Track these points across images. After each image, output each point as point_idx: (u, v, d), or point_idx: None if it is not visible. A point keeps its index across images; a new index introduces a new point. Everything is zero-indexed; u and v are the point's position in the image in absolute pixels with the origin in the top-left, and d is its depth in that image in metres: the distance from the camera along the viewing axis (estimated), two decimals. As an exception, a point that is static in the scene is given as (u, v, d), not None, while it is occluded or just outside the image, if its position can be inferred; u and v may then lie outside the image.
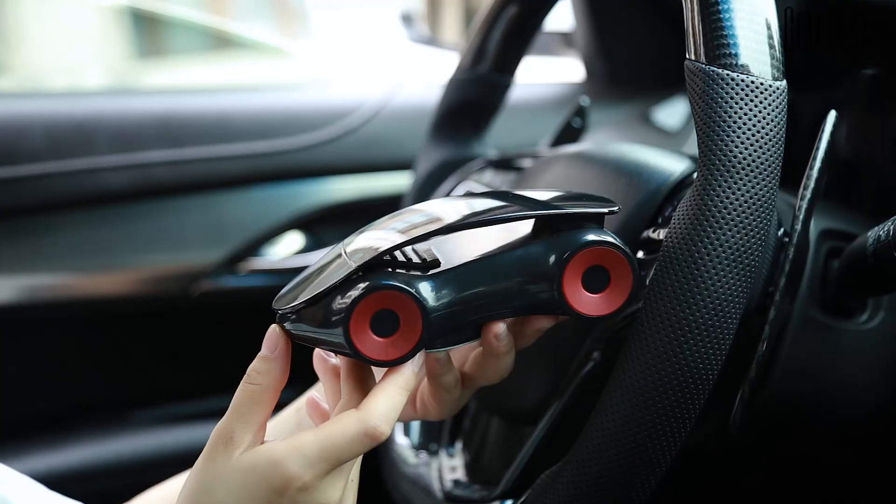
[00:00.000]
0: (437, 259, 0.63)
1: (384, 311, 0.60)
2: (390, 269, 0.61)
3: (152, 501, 0.88)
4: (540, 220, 0.65)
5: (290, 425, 0.82)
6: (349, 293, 0.59)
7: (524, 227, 0.66)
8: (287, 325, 0.63)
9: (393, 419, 0.61)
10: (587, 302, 0.63)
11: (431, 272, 0.62)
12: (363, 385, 0.64)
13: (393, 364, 0.61)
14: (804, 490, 1.06)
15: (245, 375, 0.62)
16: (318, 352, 0.68)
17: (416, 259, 0.63)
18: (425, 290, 0.61)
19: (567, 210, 0.63)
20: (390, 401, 0.61)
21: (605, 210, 0.64)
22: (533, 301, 0.64)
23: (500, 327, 0.65)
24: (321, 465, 0.59)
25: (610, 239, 0.63)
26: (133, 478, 0.91)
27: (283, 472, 0.59)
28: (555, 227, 0.63)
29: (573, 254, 0.62)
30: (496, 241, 0.65)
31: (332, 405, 0.67)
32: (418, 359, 0.64)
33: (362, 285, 0.59)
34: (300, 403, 0.83)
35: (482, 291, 0.63)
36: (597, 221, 0.64)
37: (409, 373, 0.62)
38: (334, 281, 0.60)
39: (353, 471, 0.63)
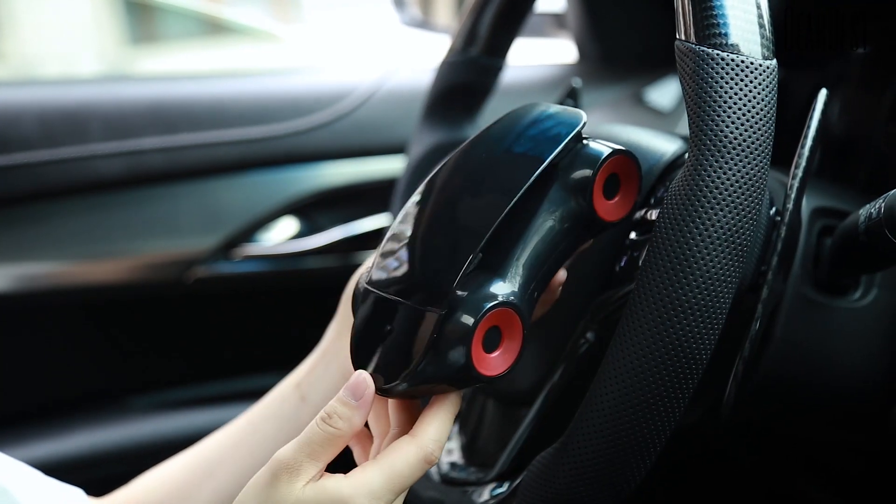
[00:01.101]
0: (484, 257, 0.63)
1: (490, 330, 0.62)
2: (462, 293, 0.61)
3: (150, 485, 0.88)
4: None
5: (292, 403, 0.83)
6: (457, 334, 0.60)
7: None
8: (397, 391, 0.63)
9: (444, 442, 0.63)
10: (610, 209, 0.66)
11: (498, 272, 0.63)
12: (412, 410, 0.66)
13: (506, 374, 0.63)
14: (798, 469, 1.06)
15: (325, 414, 0.62)
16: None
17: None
18: (513, 293, 0.63)
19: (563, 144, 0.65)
20: (443, 425, 0.63)
21: (581, 123, 0.66)
22: (571, 237, 0.66)
23: (562, 274, 0.69)
24: (387, 497, 0.61)
25: (621, 147, 0.66)
26: (130, 464, 0.91)
27: None
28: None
29: (599, 168, 0.65)
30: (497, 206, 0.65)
31: (380, 431, 0.68)
32: None
33: (469, 319, 0.60)
34: (298, 377, 0.83)
35: (543, 258, 0.65)
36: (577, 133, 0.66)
37: (457, 397, 0.64)
38: (429, 336, 0.61)
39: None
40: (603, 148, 0.65)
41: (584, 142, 0.66)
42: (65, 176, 1.34)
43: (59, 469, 1.26)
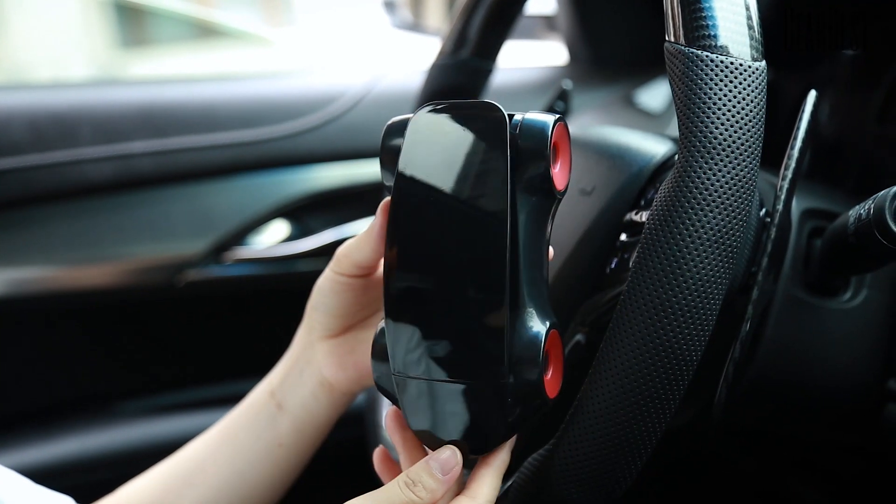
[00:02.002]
0: None
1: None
2: (514, 350, 0.62)
3: (131, 496, 0.88)
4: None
5: (269, 411, 0.82)
6: (528, 391, 0.62)
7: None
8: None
9: (495, 498, 0.64)
10: (560, 178, 0.64)
11: (522, 304, 0.63)
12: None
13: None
14: (791, 470, 1.06)
15: (409, 480, 0.63)
16: (394, 418, 0.70)
17: None
18: (545, 315, 0.64)
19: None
20: (496, 482, 0.65)
21: (502, 112, 0.62)
22: (546, 227, 0.65)
23: (552, 251, 0.68)
24: None
25: (558, 114, 0.65)
26: (120, 469, 0.91)
27: None
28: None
29: (549, 147, 0.62)
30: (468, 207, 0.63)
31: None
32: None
33: (533, 372, 0.62)
34: (272, 385, 0.83)
35: (540, 264, 0.65)
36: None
37: (507, 453, 0.65)
38: (505, 405, 0.62)
39: None
40: (542, 118, 0.63)
41: (515, 122, 0.63)
42: (55, 180, 1.34)
43: (47, 474, 1.26)
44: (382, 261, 0.70)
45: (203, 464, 0.85)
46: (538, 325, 0.63)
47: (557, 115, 0.64)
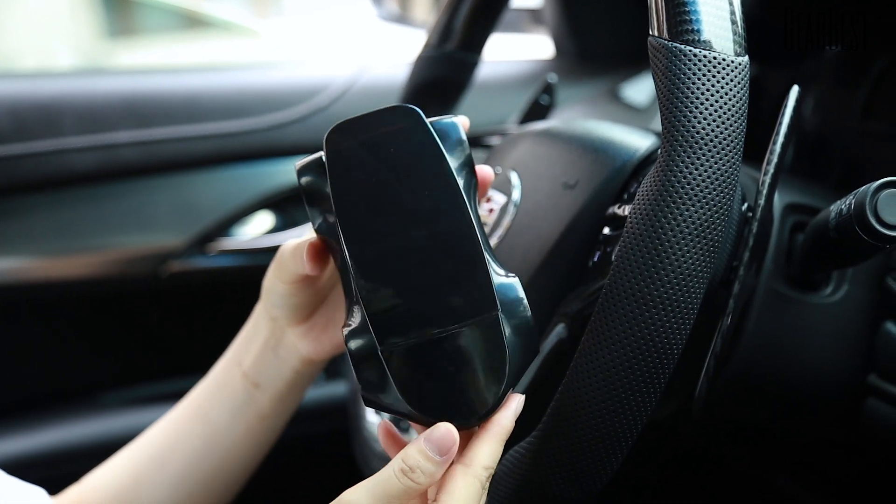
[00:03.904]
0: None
1: None
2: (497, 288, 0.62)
3: (102, 480, 0.88)
4: None
5: (244, 390, 0.83)
6: (522, 319, 0.63)
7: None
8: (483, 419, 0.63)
9: (494, 468, 0.63)
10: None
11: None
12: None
13: None
14: (777, 467, 1.07)
15: (406, 467, 0.60)
16: (385, 430, 0.70)
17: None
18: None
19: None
20: (494, 450, 0.62)
21: (418, 112, 0.64)
22: (471, 190, 0.67)
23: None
24: None
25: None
26: (103, 459, 0.91)
27: None
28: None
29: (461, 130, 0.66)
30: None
31: None
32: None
33: (522, 299, 0.63)
34: (244, 366, 0.83)
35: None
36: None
37: (508, 422, 0.63)
38: (502, 339, 0.62)
39: None
40: (448, 118, 0.66)
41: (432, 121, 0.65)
42: (38, 170, 1.33)
43: (31, 465, 1.26)
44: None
45: (173, 444, 0.86)
46: (504, 271, 0.64)
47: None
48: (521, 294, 0.63)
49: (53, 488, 0.88)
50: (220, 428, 0.84)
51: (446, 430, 0.60)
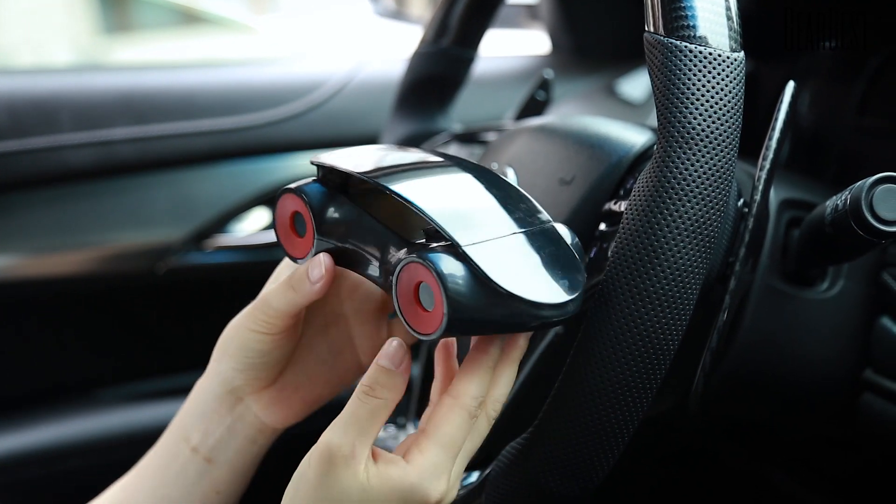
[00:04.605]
0: None
1: None
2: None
3: None
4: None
5: (195, 466, 0.77)
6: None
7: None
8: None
9: (482, 397, 0.63)
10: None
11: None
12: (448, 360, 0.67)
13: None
14: (766, 458, 1.07)
15: (366, 387, 0.60)
16: (443, 348, 0.68)
17: None
18: None
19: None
20: (482, 380, 0.62)
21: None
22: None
23: None
24: (448, 466, 0.62)
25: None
26: (100, 457, 0.91)
27: (424, 495, 0.61)
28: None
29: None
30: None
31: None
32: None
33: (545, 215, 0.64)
34: (193, 441, 0.76)
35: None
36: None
37: (496, 348, 0.63)
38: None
39: None
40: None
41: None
42: (34, 166, 1.33)
43: (27, 462, 1.26)
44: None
45: None
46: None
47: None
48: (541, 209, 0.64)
49: (49, 485, 0.88)
50: (173, 501, 0.77)
51: (397, 344, 0.61)
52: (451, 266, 0.57)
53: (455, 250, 0.58)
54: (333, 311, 0.77)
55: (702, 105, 0.59)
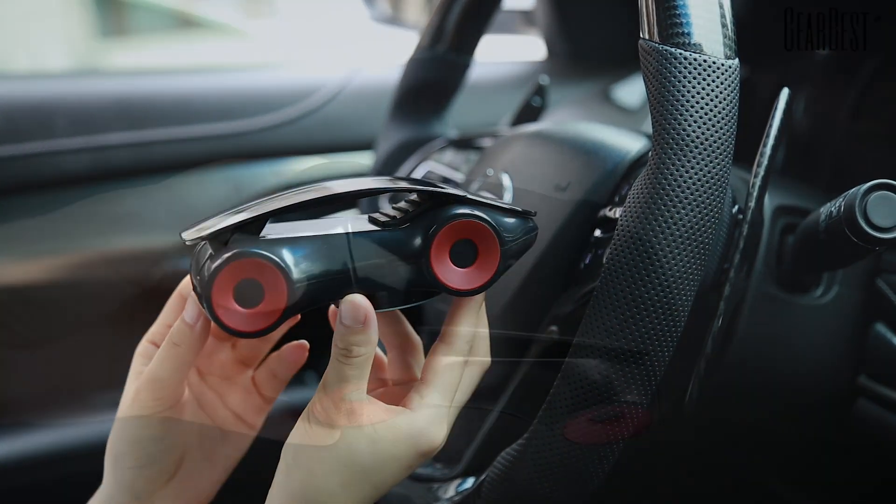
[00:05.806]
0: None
1: None
2: None
3: None
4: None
5: None
6: None
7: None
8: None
9: (472, 338, 0.65)
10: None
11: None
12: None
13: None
14: (761, 464, 1.07)
15: (342, 350, 0.60)
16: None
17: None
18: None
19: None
20: (470, 322, 0.65)
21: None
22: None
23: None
24: (446, 409, 0.63)
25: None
26: (96, 462, 0.90)
27: (431, 438, 0.62)
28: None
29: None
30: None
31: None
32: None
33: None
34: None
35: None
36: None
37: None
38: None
39: None
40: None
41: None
42: (30, 171, 1.33)
43: (24, 466, 1.25)
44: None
45: None
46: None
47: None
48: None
49: (46, 490, 0.88)
50: None
51: (354, 301, 0.60)
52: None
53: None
54: (199, 387, 0.76)
55: (696, 112, 0.59)
